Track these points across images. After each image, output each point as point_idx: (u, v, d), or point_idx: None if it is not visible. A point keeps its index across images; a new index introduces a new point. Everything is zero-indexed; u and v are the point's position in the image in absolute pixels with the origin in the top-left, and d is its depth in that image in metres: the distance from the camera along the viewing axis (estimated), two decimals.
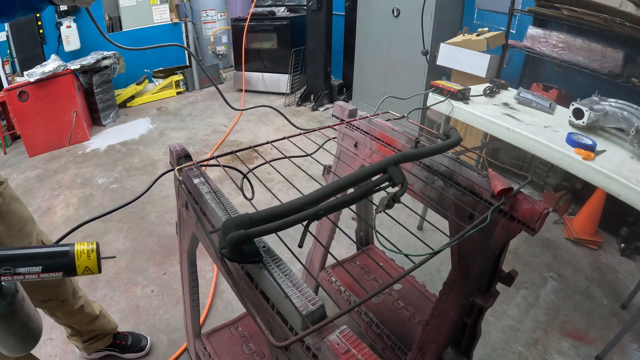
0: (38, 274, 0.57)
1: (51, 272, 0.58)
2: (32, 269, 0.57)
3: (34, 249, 0.59)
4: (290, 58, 4.49)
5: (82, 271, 0.61)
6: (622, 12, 2.16)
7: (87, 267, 0.61)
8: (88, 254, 0.61)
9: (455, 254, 1.10)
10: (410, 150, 0.88)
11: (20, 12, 0.88)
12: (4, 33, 3.77)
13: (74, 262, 0.60)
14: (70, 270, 0.60)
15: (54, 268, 0.58)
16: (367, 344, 0.57)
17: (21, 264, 0.56)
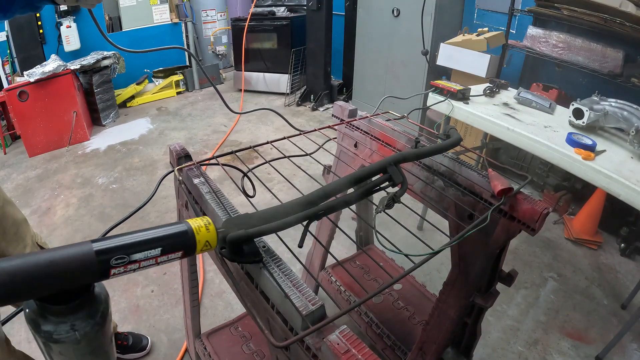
0: (156, 257, 0.49)
1: (170, 253, 0.50)
2: (150, 252, 0.48)
3: (145, 231, 0.50)
4: (290, 58, 4.48)
5: (201, 247, 0.54)
6: (622, 12, 2.16)
7: (207, 241, 0.54)
8: (206, 227, 0.55)
9: (455, 254, 1.10)
10: (410, 150, 0.88)
11: (19, 10, 0.87)
12: (4, 33, 3.77)
13: (194, 238, 0.53)
14: (190, 248, 0.53)
15: (173, 248, 0.51)
16: (367, 344, 0.57)
17: (136, 249, 0.48)
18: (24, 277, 0.41)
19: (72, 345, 0.46)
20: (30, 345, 1.60)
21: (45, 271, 0.42)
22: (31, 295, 0.43)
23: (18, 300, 0.42)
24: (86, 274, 0.45)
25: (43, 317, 0.45)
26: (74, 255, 0.44)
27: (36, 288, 0.42)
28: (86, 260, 0.44)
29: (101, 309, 0.49)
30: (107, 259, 0.45)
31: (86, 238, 2.59)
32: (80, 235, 2.41)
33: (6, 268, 0.40)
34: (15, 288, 0.40)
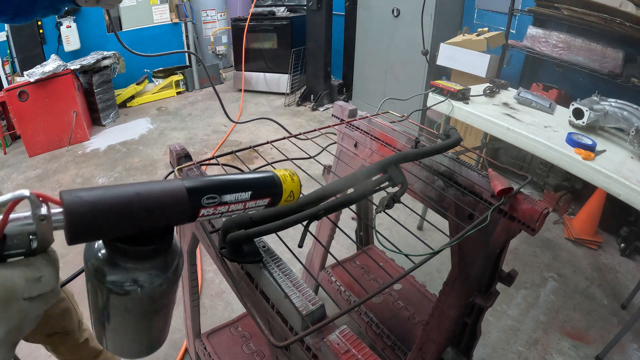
0: (245, 202, 0.46)
1: (259, 199, 0.47)
2: (240, 195, 0.45)
3: (233, 175, 0.48)
4: (290, 58, 4.48)
5: (286, 197, 0.51)
6: (622, 12, 2.16)
7: (292, 191, 0.52)
8: (291, 177, 0.52)
9: (455, 254, 1.10)
10: (410, 150, 0.88)
11: (41, 12, 0.85)
12: (4, 33, 3.77)
13: (281, 186, 0.50)
14: (276, 196, 0.50)
15: (262, 194, 0.48)
16: (367, 344, 0.57)
17: (227, 190, 0.44)
18: (106, 209, 0.35)
19: (144, 299, 0.40)
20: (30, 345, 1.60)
21: (132, 205, 0.37)
22: (112, 232, 0.37)
23: (96, 237, 0.37)
24: (176, 211, 0.40)
25: (112, 265, 0.39)
26: (164, 190, 0.39)
27: (119, 224, 0.36)
28: (178, 196, 0.40)
29: (177, 261, 0.43)
30: (199, 197, 0.41)
31: None
32: None
33: (86, 198, 0.34)
34: (95, 221, 0.35)
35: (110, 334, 0.44)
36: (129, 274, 0.39)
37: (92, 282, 0.40)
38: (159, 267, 0.41)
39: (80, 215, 0.34)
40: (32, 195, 0.32)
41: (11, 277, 0.32)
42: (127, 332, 0.44)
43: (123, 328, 0.44)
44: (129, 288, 0.39)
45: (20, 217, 0.33)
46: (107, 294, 0.39)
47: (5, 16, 0.82)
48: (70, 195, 0.34)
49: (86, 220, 0.34)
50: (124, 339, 0.45)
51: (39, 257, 0.34)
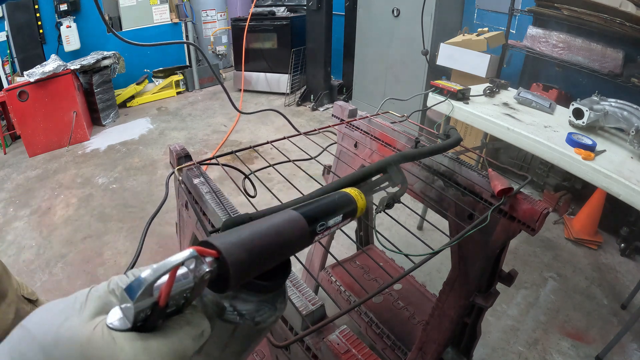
0: (338, 224, 0.48)
1: (345, 219, 0.50)
2: (337, 218, 0.47)
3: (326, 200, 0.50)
4: (290, 58, 4.48)
5: (359, 213, 0.53)
6: (622, 12, 2.16)
7: (361, 208, 0.54)
8: (360, 196, 0.54)
9: (455, 254, 1.10)
10: (410, 150, 0.88)
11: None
12: (4, 33, 3.77)
13: (356, 205, 0.52)
14: (353, 214, 0.52)
15: (348, 214, 0.50)
16: (367, 344, 0.57)
17: (329, 216, 0.46)
18: (257, 252, 0.35)
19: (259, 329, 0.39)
20: None
21: (273, 243, 0.37)
22: (259, 272, 0.37)
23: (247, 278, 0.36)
24: (301, 242, 0.41)
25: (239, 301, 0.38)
26: (290, 222, 0.40)
27: (265, 263, 0.37)
28: (301, 227, 0.41)
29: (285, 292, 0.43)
30: (314, 225, 0.43)
31: (86, 238, 2.55)
32: (80, 235, 2.41)
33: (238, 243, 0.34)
34: (252, 265, 0.35)
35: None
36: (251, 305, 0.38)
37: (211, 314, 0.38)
38: (279, 297, 0.41)
39: (240, 262, 0.34)
40: (196, 254, 0.31)
41: (181, 340, 0.31)
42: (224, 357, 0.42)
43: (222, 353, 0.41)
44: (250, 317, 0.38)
45: (179, 276, 0.31)
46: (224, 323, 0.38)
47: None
48: (224, 244, 0.33)
49: (246, 266, 0.34)
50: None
51: (193, 311, 0.33)
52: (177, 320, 0.31)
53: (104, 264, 2.16)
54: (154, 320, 0.30)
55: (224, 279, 0.33)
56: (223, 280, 0.33)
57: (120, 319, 0.29)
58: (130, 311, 0.29)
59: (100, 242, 2.33)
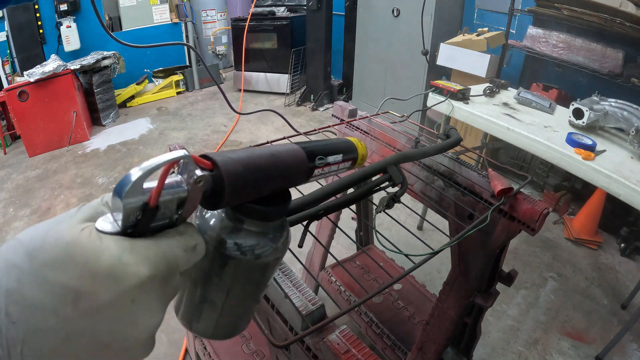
0: (338, 163, 0.49)
1: (346, 160, 0.51)
2: (336, 157, 0.48)
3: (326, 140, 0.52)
4: (290, 58, 4.48)
5: (360, 159, 0.55)
6: (622, 12, 2.16)
7: (362, 155, 0.55)
8: (360, 143, 0.56)
9: (455, 254, 1.10)
10: (410, 150, 0.88)
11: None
12: (4, 33, 3.77)
13: (357, 150, 0.54)
14: (355, 159, 0.54)
15: (348, 156, 0.52)
16: (367, 344, 0.57)
17: (329, 152, 0.47)
18: (255, 169, 0.35)
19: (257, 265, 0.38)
20: None
21: (270, 165, 0.37)
22: (257, 193, 0.36)
23: (244, 198, 0.35)
24: (299, 171, 0.42)
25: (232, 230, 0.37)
26: (288, 152, 0.40)
27: (263, 184, 0.36)
28: (300, 157, 0.41)
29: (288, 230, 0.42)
30: (313, 158, 0.43)
31: None
32: None
33: (236, 158, 0.34)
34: (248, 182, 0.34)
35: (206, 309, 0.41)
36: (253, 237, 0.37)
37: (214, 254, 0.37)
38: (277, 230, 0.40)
39: (236, 175, 0.33)
40: (189, 157, 0.30)
41: (170, 247, 0.29)
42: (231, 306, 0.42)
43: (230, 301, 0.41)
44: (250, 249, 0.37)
45: (172, 182, 0.30)
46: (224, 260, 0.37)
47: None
48: (220, 157, 0.33)
49: (242, 181, 0.33)
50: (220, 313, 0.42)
51: (186, 224, 0.32)
52: (169, 231, 0.30)
53: None
54: (144, 224, 0.28)
55: (219, 194, 0.32)
56: (218, 195, 0.32)
57: (111, 223, 0.28)
58: (119, 211, 0.27)
59: None
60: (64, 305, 0.24)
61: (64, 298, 0.24)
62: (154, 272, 0.27)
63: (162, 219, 0.30)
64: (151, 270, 0.27)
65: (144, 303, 0.27)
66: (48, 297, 0.23)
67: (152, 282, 0.27)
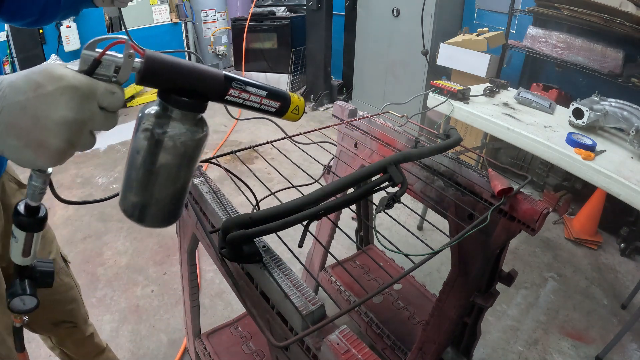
0: (262, 97, 0.58)
1: (272, 100, 0.59)
2: (260, 91, 0.57)
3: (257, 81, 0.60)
4: (290, 58, 4.48)
5: (292, 109, 0.62)
6: (622, 12, 2.16)
7: (297, 106, 0.63)
8: (298, 97, 0.63)
9: (455, 254, 1.10)
10: (410, 150, 0.88)
11: (62, 14, 0.87)
12: (4, 33, 3.77)
13: (289, 99, 0.62)
14: (285, 105, 0.61)
15: (275, 97, 0.60)
16: (367, 344, 0.57)
17: (251, 84, 0.57)
18: (170, 65, 0.50)
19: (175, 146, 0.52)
20: (30, 345, 1.60)
21: (187, 69, 0.51)
22: (169, 83, 0.51)
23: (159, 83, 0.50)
24: (213, 84, 0.53)
25: (159, 117, 0.52)
26: (208, 69, 0.53)
27: (176, 78, 0.51)
28: (217, 75, 0.54)
29: (205, 129, 0.56)
30: (230, 81, 0.54)
31: (86, 238, 2.55)
32: (80, 235, 2.41)
33: (159, 54, 0.49)
34: (162, 69, 0.49)
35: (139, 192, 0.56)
36: (172, 123, 0.52)
37: (138, 132, 0.52)
38: (193, 123, 0.54)
39: (153, 61, 0.48)
40: (128, 40, 0.46)
41: (96, 82, 0.45)
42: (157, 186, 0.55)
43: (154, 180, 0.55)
44: (169, 132, 0.52)
45: (114, 53, 0.46)
46: (151, 138, 0.52)
47: (30, 18, 0.83)
48: (150, 51, 0.48)
49: (156, 68, 0.48)
50: (152, 195, 0.57)
51: (117, 84, 0.47)
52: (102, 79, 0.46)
53: (104, 264, 2.16)
54: (90, 70, 0.45)
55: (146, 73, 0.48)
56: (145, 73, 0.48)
57: (75, 66, 0.46)
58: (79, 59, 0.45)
59: (100, 242, 2.33)
60: (30, 90, 0.42)
61: (31, 86, 0.42)
62: (78, 85, 0.43)
63: (104, 75, 0.46)
64: (78, 83, 0.43)
65: (67, 100, 0.43)
66: (25, 85, 0.42)
67: (76, 90, 0.43)
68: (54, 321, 1.14)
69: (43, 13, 0.83)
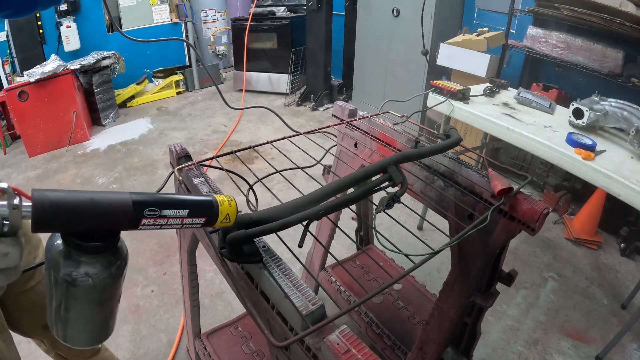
0: (183, 218, 0.53)
1: (195, 217, 0.55)
2: (179, 212, 0.52)
3: (179, 195, 0.55)
4: (290, 58, 4.48)
5: (222, 219, 0.58)
6: (622, 12, 2.16)
7: (228, 214, 0.58)
8: (229, 202, 0.59)
9: (455, 254, 1.10)
10: (410, 150, 0.88)
11: (42, 4, 0.84)
12: (4, 33, 3.77)
13: (218, 209, 0.57)
14: (212, 217, 0.57)
15: (199, 213, 0.55)
16: (367, 344, 0.57)
17: (168, 206, 0.52)
18: (65, 208, 0.44)
19: (90, 289, 0.49)
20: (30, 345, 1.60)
21: (85, 207, 0.45)
22: (67, 227, 0.46)
23: (54, 229, 0.46)
24: (121, 218, 0.48)
25: (67, 257, 0.47)
26: (112, 199, 0.48)
27: (73, 221, 0.45)
28: (123, 205, 0.48)
29: (121, 261, 0.51)
30: (142, 209, 0.49)
31: None
32: None
33: (50, 196, 0.43)
34: (55, 216, 0.43)
35: (61, 322, 0.52)
36: (80, 266, 0.47)
37: (49, 272, 0.48)
38: (105, 263, 0.49)
39: (44, 209, 0.42)
40: (9, 188, 0.41)
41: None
42: (77, 320, 0.52)
43: (72, 315, 0.51)
44: (78, 277, 0.47)
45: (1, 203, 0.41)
46: (62, 283, 0.48)
47: (7, 10, 0.81)
48: (38, 193, 0.43)
49: (48, 214, 0.43)
50: (73, 327, 0.53)
51: (9, 238, 0.42)
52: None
53: None
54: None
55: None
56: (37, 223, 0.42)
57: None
58: None
59: None
60: None
61: None
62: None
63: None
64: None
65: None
66: None
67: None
68: (44, 325, 1.12)
69: (21, 5, 0.80)
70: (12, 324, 1.05)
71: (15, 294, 1.00)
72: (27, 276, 0.99)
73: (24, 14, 0.84)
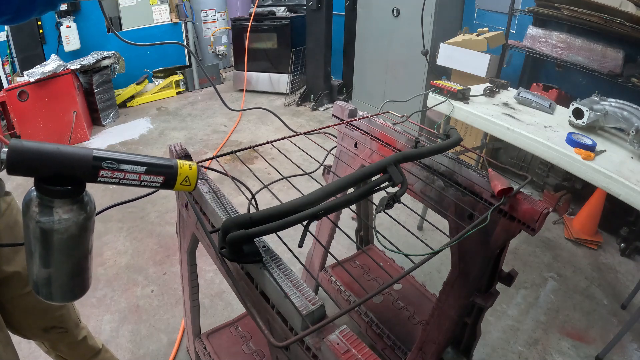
0: (140, 174, 0.56)
1: (153, 175, 0.57)
2: (136, 168, 0.56)
3: (136, 155, 0.58)
4: (290, 58, 4.48)
5: (181, 180, 0.60)
6: (622, 12, 2.16)
7: (187, 176, 0.61)
8: (189, 166, 0.62)
9: (455, 254, 1.10)
10: (410, 150, 0.88)
11: (39, 10, 0.85)
12: (4, 33, 3.77)
13: (176, 170, 0.60)
14: (170, 178, 0.59)
15: (156, 172, 0.58)
16: (367, 344, 0.57)
17: (126, 162, 0.55)
18: (35, 154, 0.50)
19: (59, 232, 0.54)
20: (30, 346, 1.60)
21: (53, 155, 0.51)
22: (36, 171, 0.52)
23: (25, 172, 0.51)
24: (82, 166, 0.53)
25: (39, 205, 0.53)
26: (76, 151, 0.53)
27: (42, 166, 0.51)
28: (85, 156, 0.53)
29: (89, 209, 0.57)
30: (100, 162, 0.54)
31: None
32: None
33: (25, 144, 0.50)
34: (25, 160, 0.50)
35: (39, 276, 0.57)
36: (52, 212, 0.53)
37: (26, 224, 0.54)
38: (75, 210, 0.55)
39: (16, 153, 0.49)
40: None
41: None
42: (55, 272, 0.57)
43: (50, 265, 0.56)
44: (49, 222, 0.53)
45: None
46: (35, 230, 0.53)
47: (5, 17, 0.82)
48: (15, 141, 0.49)
49: (20, 158, 0.50)
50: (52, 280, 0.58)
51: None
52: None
53: (104, 264, 2.16)
54: None
55: None
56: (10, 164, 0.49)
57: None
58: None
59: (100, 242, 2.33)
60: None
61: None
62: None
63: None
64: None
65: None
66: None
67: None
68: (44, 327, 1.14)
69: (17, 12, 0.82)
70: (13, 327, 1.05)
71: (15, 296, 1.00)
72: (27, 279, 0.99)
73: (21, 20, 0.85)
